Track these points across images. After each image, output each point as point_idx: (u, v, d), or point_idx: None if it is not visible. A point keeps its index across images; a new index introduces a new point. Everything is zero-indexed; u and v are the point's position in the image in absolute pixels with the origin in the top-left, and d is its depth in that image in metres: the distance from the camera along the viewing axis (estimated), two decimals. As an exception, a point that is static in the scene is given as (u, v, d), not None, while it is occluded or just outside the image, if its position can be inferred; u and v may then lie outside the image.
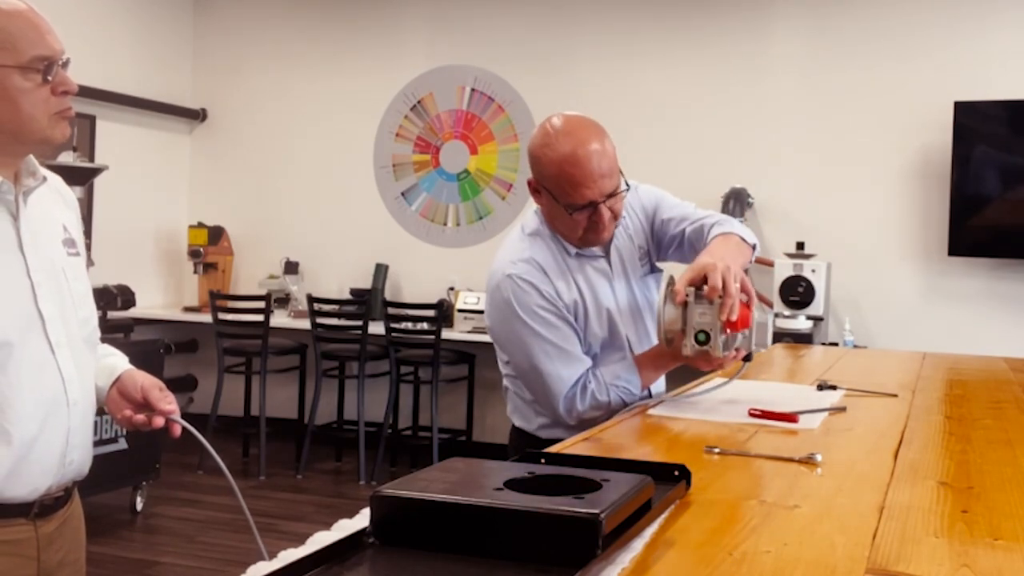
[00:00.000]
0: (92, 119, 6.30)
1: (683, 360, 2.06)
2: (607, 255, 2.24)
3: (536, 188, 2.17)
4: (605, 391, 2.12)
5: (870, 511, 1.28)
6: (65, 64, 1.58)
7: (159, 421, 1.68)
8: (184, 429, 1.71)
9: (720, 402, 2.10)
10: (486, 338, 5.92)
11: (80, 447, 1.65)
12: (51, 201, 1.69)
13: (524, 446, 2.23)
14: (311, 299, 5.96)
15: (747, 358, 2.08)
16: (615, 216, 2.13)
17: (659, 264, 2.37)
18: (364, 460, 5.83)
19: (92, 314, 1.72)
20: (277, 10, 6.99)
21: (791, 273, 5.38)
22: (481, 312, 5.94)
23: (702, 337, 1.93)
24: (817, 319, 5.36)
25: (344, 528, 1.15)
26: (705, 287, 1.91)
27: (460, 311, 6.03)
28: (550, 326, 2.12)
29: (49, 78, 1.56)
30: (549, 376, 2.12)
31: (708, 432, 1.81)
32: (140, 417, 1.68)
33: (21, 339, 1.55)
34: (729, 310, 1.90)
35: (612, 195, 2.09)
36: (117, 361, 1.78)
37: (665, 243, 2.30)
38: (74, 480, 1.68)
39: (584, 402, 2.11)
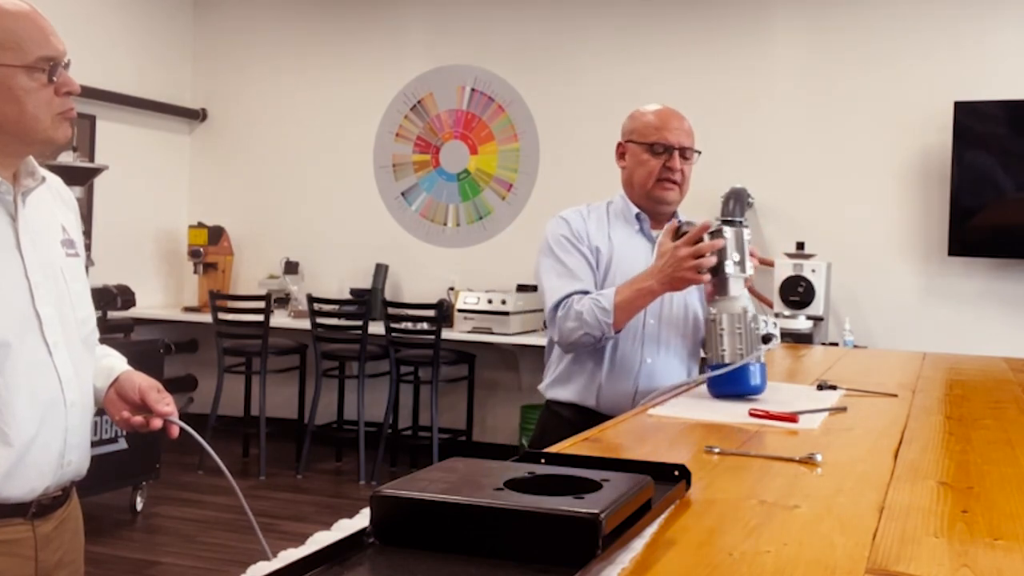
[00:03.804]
0: (92, 119, 6.30)
1: (656, 276, 2.19)
2: (654, 243, 2.43)
3: (622, 151, 2.50)
4: (581, 304, 2.29)
5: (870, 511, 1.28)
6: (67, 65, 1.59)
7: (156, 423, 1.68)
8: (182, 430, 1.71)
9: (720, 402, 2.11)
10: (486, 338, 5.97)
11: (78, 447, 1.65)
12: (50, 201, 1.69)
13: (544, 410, 2.49)
14: (311, 299, 5.96)
15: (767, 339, 2.14)
16: (684, 178, 2.48)
17: None
18: (364, 460, 5.83)
19: (90, 315, 1.72)
20: (277, 10, 6.99)
21: (791, 273, 5.37)
22: (481, 312, 5.95)
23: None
24: (817, 319, 5.36)
25: (344, 528, 1.15)
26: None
27: (460, 311, 6.03)
28: (566, 251, 2.39)
29: (54, 78, 1.56)
30: (549, 290, 2.36)
31: (708, 432, 1.81)
32: (138, 419, 1.69)
33: (18, 340, 1.54)
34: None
35: (687, 154, 2.46)
36: (115, 362, 1.78)
37: None
38: (72, 480, 1.68)
39: (565, 310, 2.31)
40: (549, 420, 2.42)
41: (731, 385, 2.12)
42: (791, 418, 1.88)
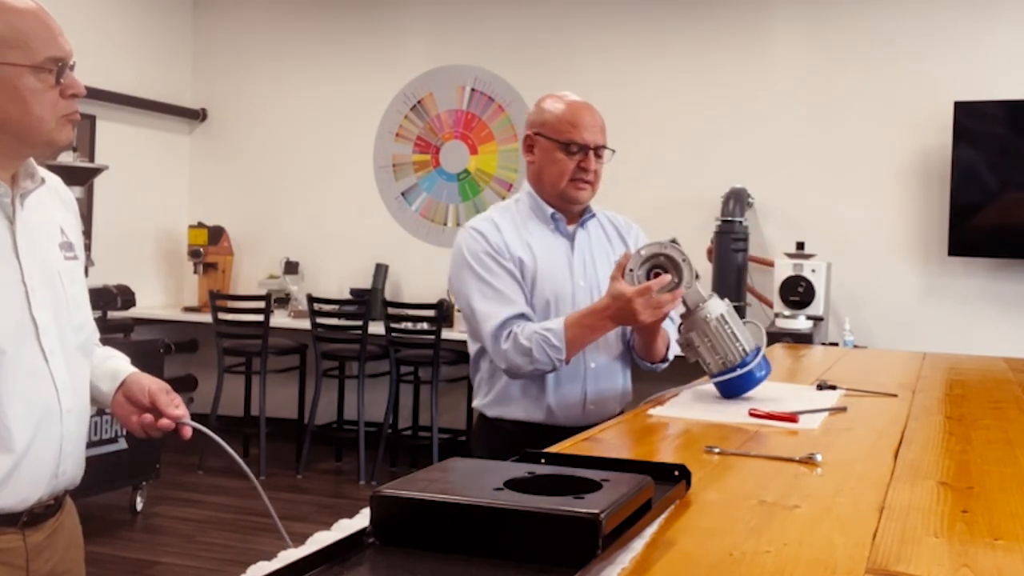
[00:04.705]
0: (92, 119, 6.29)
1: (614, 310, 2.13)
2: (572, 239, 2.38)
3: (531, 143, 2.37)
4: (528, 338, 2.19)
5: (870, 511, 1.28)
6: (72, 66, 1.55)
7: (165, 423, 1.67)
8: (195, 431, 1.70)
9: (720, 402, 2.11)
10: (486, 338, 5.93)
11: (73, 456, 1.61)
12: (49, 203, 1.65)
13: (481, 428, 2.39)
14: (311, 299, 5.96)
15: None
16: (597, 177, 2.35)
17: None
18: (364, 460, 5.83)
19: (88, 320, 1.68)
20: (277, 10, 6.99)
21: (791, 273, 5.37)
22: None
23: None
24: (817, 319, 5.36)
25: (344, 528, 1.15)
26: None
27: (460, 311, 6.03)
28: (490, 271, 2.27)
29: (61, 80, 1.52)
30: (482, 315, 2.26)
31: (708, 432, 1.81)
32: (147, 417, 1.67)
33: (14, 347, 1.51)
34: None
35: (601, 152, 2.34)
36: (120, 364, 1.75)
37: None
38: (65, 489, 1.65)
39: (507, 342, 2.21)
40: (494, 437, 2.31)
41: (747, 380, 2.10)
42: (791, 418, 1.88)
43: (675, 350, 2.37)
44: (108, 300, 5.07)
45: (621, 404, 2.40)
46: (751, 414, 1.92)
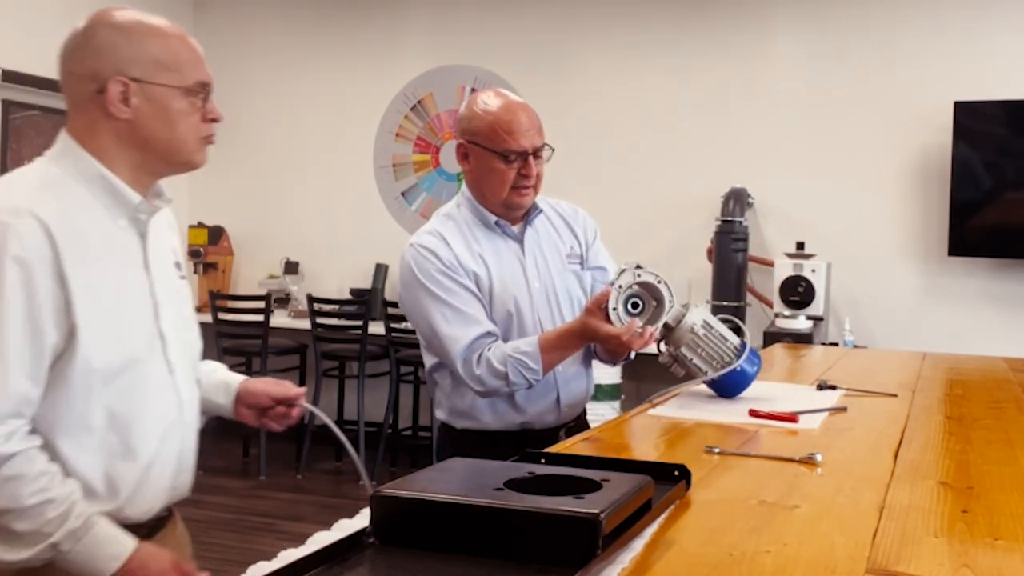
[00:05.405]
0: (92, 119, 6.29)
1: (591, 339, 2.11)
2: (521, 241, 2.28)
3: (465, 152, 2.24)
4: (502, 361, 2.12)
5: (870, 511, 1.28)
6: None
7: (293, 411, 1.79)
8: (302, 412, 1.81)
9: (720, 402, 2.11)
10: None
11: (189, 469, 1.67)
12: (163, 222, 1.70)
13: (446, 439, 2.35)
14: (311, 299, 5.96)
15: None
16: (539, 179, 2.24)
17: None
18: (364, 460, 5.82)
19: (198, 338, 1.74)
20: (277, 10, 6.99)
21: (791, 273, 5.37)
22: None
23: (632, 305, 2.06)
24: (817, 319, 5.36)
25: (344, 528, 1.15)
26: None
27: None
28: (448, 290, 2.18)
29: (207, 104, 1.59)
30: (447, 338, 2.17)
31: (708, 432, 1.82)
32: (283, 410, 1.80)
33: (147, 358, 1.56)
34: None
35: (540, 152, 2.22)
36: (227, 376, 1.83)
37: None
38: (178, 500, 1.70)
39: (480, 367, 2.13)
40: (464, 447, 2.22)
41: (743, 377, 2.10)
42: (791, 418, 1.88)
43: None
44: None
45: (586, 401, 2.39)
46: (751, 414, 1.92)
